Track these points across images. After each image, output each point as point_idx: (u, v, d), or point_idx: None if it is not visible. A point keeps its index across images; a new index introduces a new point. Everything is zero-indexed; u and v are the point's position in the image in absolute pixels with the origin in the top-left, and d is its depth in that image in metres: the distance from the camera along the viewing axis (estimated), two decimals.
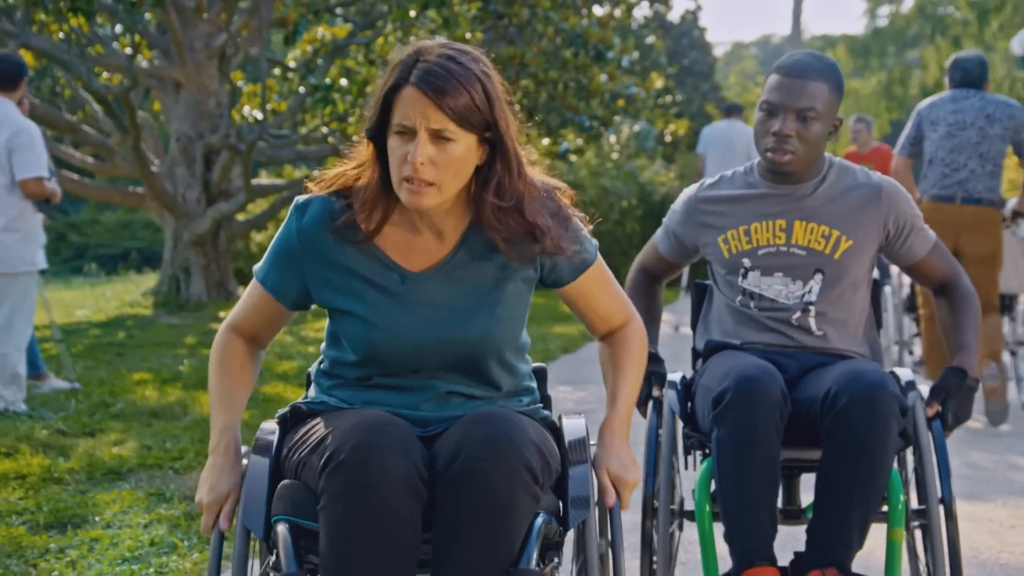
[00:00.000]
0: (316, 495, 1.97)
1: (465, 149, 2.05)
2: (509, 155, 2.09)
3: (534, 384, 2.34)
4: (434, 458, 2.01)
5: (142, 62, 12.00)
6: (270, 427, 2.21)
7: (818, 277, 2.88)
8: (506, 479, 1.94)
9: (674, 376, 2.99)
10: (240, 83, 13.45)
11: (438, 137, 2.02)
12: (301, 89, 12.40)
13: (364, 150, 2.13)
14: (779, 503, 2.84)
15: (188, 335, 9.40)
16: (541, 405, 2.34)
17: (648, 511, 2.81)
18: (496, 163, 2.09)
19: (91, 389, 6.48)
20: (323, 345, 2.26)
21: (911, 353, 7.47)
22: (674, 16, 26.18)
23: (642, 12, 24.53)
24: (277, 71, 13.70)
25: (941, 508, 2.68)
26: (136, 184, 13.23)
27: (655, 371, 2.96)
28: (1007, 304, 6.45)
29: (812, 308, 2.88)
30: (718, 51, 55.05)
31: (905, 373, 2.88)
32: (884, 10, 41.70)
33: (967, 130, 5.78)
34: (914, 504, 2.81)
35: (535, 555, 1.97)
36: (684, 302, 11.65)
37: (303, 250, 2.15)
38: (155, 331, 9.85)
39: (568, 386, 7.07)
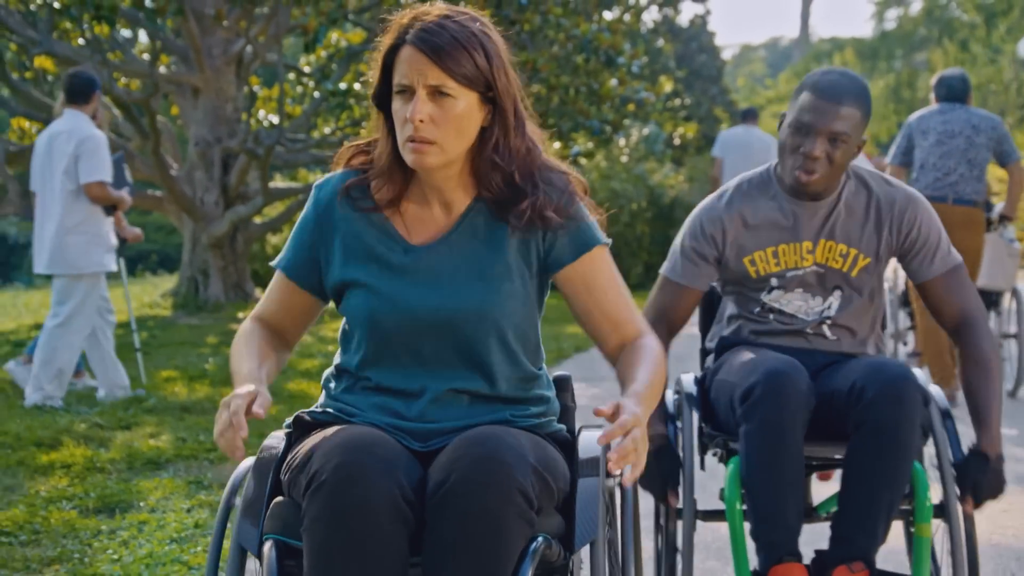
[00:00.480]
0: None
1: (466, 107, 2.03)
2: (508, 114, 2.07)
3: (550, 394, 2.25)
4: (428, 478, 1.95)
5: (161, 68, 12.26)
6: (276, 439, 2.16)
7: (837, 293, 2.90)
8: (497, 503, 1.87)
9: (687, 378, 3.02)
10: (255, 88, 13.70)
11: (437, 94, 2.01)
12: (316, 94, 12.66)
13: (376, 121, 2.13)
14: None
15: (209, 335, 9.64)
16: (556, 417, 2.25)
17: (670, 513, 2.82)
18: (496, 122, 2.07)
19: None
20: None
21: (905, 344, 7.77)
22: (683, 20, 26.40)
23: (651, 16, 24.74)
24: (291, 76, 13.95)
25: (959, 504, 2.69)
26: (154, 187, 13.49)
27: (670, 472, 2.84)
28: (993, 300, 7.00)
29: (829, 321, 2.91)
30: (726, 54, 55.19)
31: (920, 378, 2.84)
32: (892, 13, 41.88)
33: (956, 138, 6.36)
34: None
35: None
36: None
37: (319, 226, 2.15)
38: (176, 331, 10.09)
39: (582, 383, 7.29)
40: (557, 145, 13.00)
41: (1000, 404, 2.80)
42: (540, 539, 1.94)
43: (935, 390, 2.88)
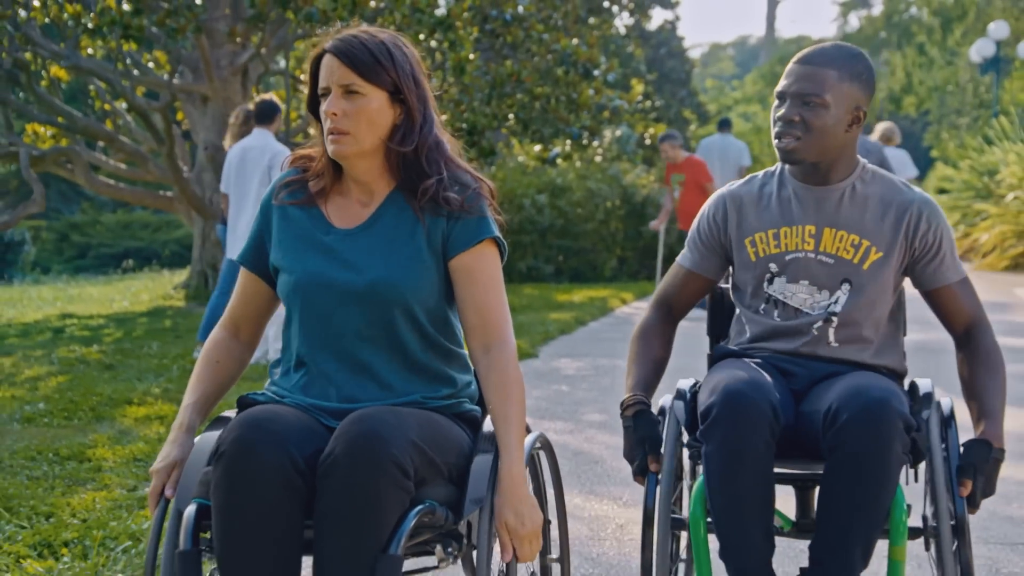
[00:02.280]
0: None
1: (378, 105, 2.30)
2: (415, 111, 2.33)
3: (466, 377, 2.48)
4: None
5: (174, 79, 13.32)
6: (223, 417, 2.41)
7: (845, 287, 2.77)
8: (370, 474, 2.09)
9: (684, 383, 2.87)
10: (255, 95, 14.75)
11: (349, 92, 2.28)
12: None
13: (315, 127, 2.41)
14: (792, 516, 2.84)
15: None
16: (471, 400, 2.48)
17: (649, 521, 2.68)
18: (404, 119, 2.34)
19: (172, 362, 7.79)
20: None
21: None
22: (652, 26, 27.55)
23: (623, 22, 25.88)
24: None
25: (952, 525, 2.55)
26: (164, 188, 14.54)
27: (648, 436, 2.72)
28: None
29: (835, 319, 2.78)
30: (695, 52, 56.38)
31: (925, 384, 2.79)
32: (854, 16, 43.20)
33: None
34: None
35: (403, 542, 2.11)
36: None
37: (265, 219, 2.44)
38: (195, 319, 11.05)
39: (567, 359, 8.40)
40: (538, 148, 14.17)
41: (1004, 401, 2.71)
42: (425, 504, 2.19)
43: (944, 401, 2.76)
